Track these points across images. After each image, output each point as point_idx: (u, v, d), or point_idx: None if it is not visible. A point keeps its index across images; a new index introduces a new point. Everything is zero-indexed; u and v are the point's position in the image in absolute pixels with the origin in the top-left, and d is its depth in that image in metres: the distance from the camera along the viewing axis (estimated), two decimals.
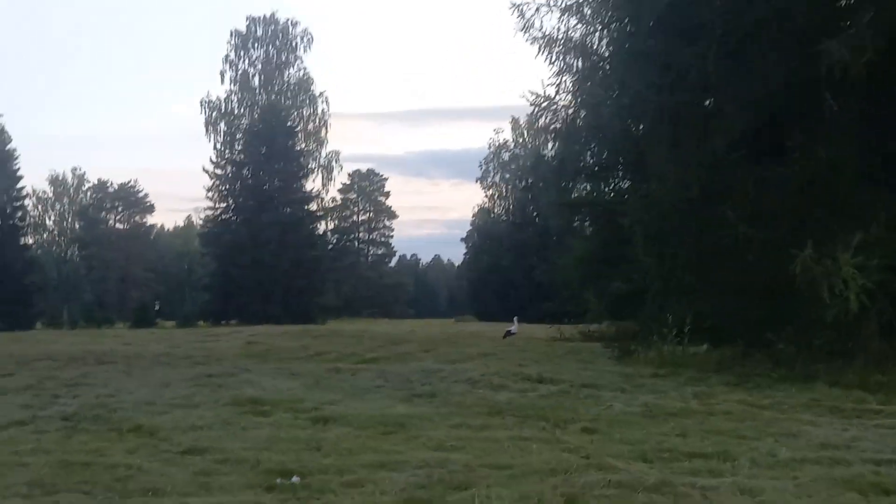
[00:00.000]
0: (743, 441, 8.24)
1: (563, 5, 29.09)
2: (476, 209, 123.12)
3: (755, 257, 13.43)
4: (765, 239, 13.31)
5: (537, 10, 28.81)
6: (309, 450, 7.73)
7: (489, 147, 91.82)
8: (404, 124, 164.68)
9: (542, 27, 29.05)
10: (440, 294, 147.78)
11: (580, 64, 30.61)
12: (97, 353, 20.32)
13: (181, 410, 10.17)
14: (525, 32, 29.03)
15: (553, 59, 31.65)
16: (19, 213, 69.18)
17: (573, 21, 29.51)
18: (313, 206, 73.80)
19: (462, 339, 28.81)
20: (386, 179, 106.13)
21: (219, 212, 70.52)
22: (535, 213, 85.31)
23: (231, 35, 73.07)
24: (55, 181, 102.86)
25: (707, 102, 13.77)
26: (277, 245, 68.12)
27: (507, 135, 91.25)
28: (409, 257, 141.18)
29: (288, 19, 73.57)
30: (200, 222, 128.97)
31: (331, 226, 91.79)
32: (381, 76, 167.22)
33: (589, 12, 29.21)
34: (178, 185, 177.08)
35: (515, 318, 31.36)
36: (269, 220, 67.76)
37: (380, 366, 17.11)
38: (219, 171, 70.54)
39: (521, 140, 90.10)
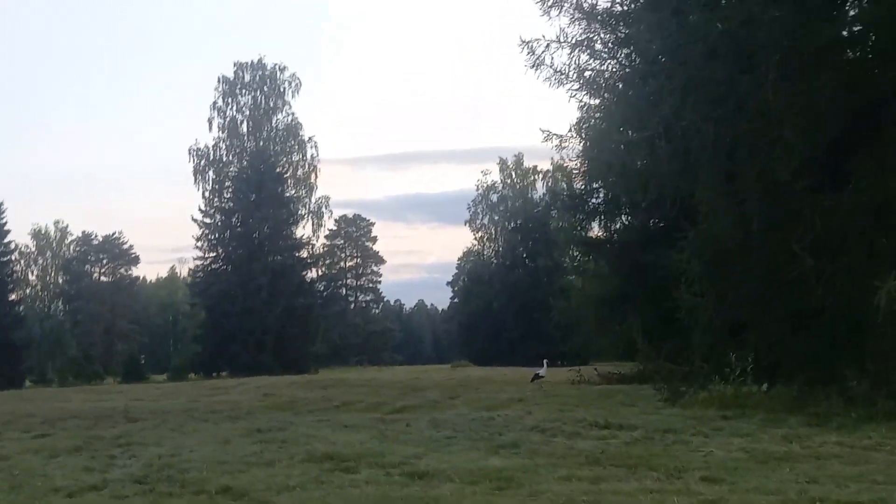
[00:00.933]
0: (883, 486, 7.71)
1: (574, 41, 29.09)
2: (462, 252, 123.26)
3: (823, 291, 12.91)
4: (834, 270, 12.81)
5: (547, 46, 28.88)
6: None
7: (477, 189, 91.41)
8: (380, 169, 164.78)
9: (552, 63, 29.01)
10: (426, 339, 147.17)
11: (592, 100, 30.53)
12: (118, 410, 19.65)
13: (260, 469, 9.54)
14: (536, 69, 28.98)
15: (569, 97, 31.75)
16: (6, 269, 68.07)
17: (584, 57, 29.49)
18: (304, 253, 72.94)
19: (478, 384, 28.15)
20: (372, 224, 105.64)
21: (208, 261, 69.64)
22: (524, 255, 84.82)
23: (219, 81, 72.76)
24: (38, 235, 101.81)
25: (766, 131, 13.18)
26: (268, 293, 67.32)
27: (494, 176, 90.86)
28: (392, 303, 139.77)
29: (276, 64, 73.39)
30: (186, 273, 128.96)
31: (318, 273, 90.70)
32: (353, 121, 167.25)
33: (600, 47, 29.19)
34: (160, 235, 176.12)
35: (545, 361, 30.68)
36: (260, 267, 67.03)
37: (418, 415, 16.40)
38: (207, 220, 69.85)
39: (508, 181, 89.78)
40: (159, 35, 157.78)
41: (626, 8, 28.75)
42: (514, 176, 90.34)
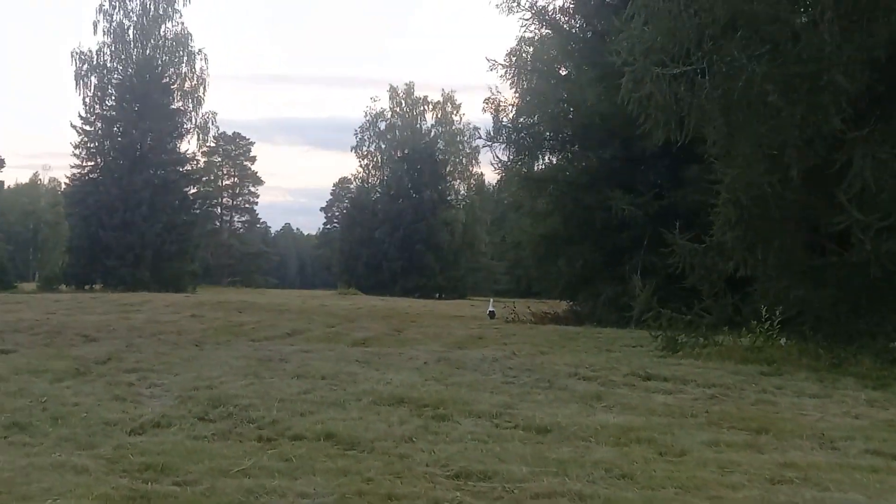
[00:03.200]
0: None
1: None
2: (339, 178, 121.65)
3: (872, 246, 12.43)
4: (883, 227, 12.33)
5: None
6: (615, 477, 6.26)
7: (365, 115, 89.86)
8: (249, 86, 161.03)
9: None
10: (291, 264, 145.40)
11: (542, 31, 29.65)
12: (52, 324, 18.13)
13: (335, 411, 8.52)
14: None
15: (519, 26, 30.82)
16: None
17: None
18: (188, 168, 70.35)
19: (411, 318, 27.36)
20: (252, 144, 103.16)
21: (86, 170, 66.46)
22: (409, 185, 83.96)
23: None
24: None
25: (817, 74, 12.53)
26: (149, 207, 64.80)
27: (384, 104, 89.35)
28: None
29: None
30: (48, 180, 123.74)
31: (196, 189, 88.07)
32: (228, 36, 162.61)
33: None
34: (22, 140, 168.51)
35: (492, 300, 30.60)
36: (142, 181, 64.37)
37: (402, 350, 15.47)
38: (87, 127, 66.44)
39: (398, 110, 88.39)
40: None
41: None
42: (403, 105, 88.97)
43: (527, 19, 28.67)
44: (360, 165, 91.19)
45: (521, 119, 36.16)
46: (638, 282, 16.38)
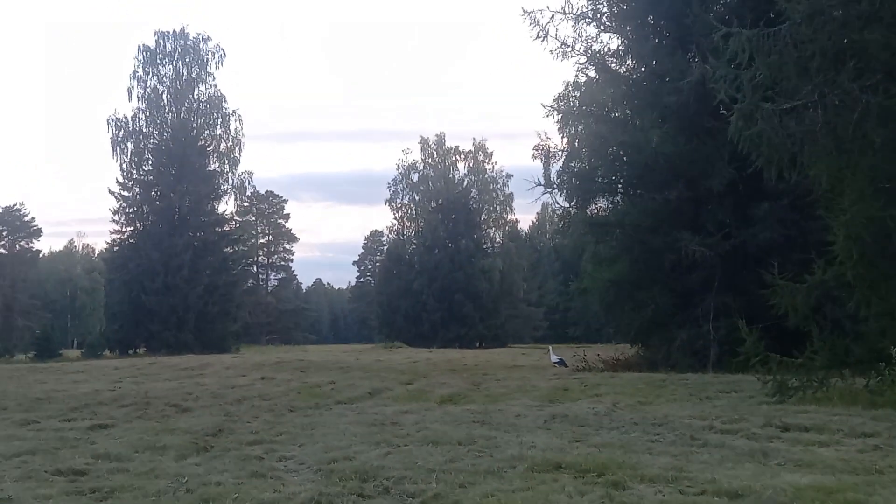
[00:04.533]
0: None
1: (579, 12, 27.91)
2: (370, 231, 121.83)
3: None
4: None
5: (552, 17, 27.63)
6: None
7: (397, 168, 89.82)
8: (273, 145, 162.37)
9: (556, 34, 27.79)
10: (324, 318, 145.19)
11: (599, 74, 29.35)
12: (139, 395, 17.75)
13: (494, 481, 8.02)
14: (543, 41, 27.70)
15: (576, 70, 30.55)
16: None
17: (591, 28, 28.37)
18: (226, 229, 70.42)
19: (472, 370, 27.00)
20: (285, 201, 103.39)
21: (126, 235, 66.59)
22: (444, 235, 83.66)
23: (139, 50, 69.28)
24: None
25: None
26: (190, 270, 64.82)
27: (415, 155, 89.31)
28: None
29: (199, 34, 70.22)
30: (82, 247, 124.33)
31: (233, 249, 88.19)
32: (251, 97, 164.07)
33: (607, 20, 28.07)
34: (59, 207, 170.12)
35: (551, 347, 30.03)
36: (182, 243, 64.47)
37: (497, 407, 14.97)
38: (125, 193, 66.68)
39: (430, 161, 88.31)
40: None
41: None
42: (435, 156, 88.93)
43: (582, 63, 28.36)
44: (395, 217, 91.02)
45: (573, 164, 35.75)
46: (742, 325, 15.69)
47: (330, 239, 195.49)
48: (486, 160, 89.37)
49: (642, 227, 26.39)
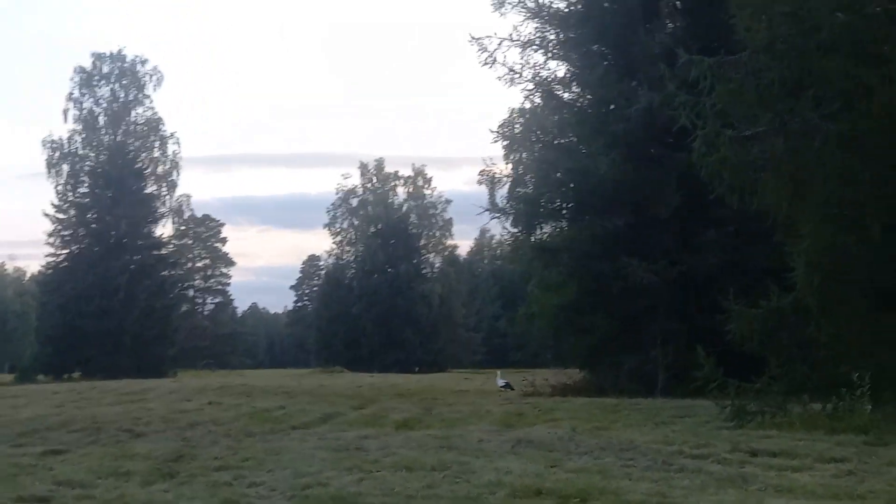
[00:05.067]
0: None
1: (526, 39, 28.12)
2: (307, 256, 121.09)
3: None
4: None
5: (500, 44, 27.82)
6: None
7: (336, 192, 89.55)
8: (208, 170, 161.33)
9: (504, 61, 27.98)
10: (261, 343, 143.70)
11: (545, 101, 29.55)
12: (88, 419, 17.38)
13: None
14: (491, 67, 27.87)
15: (524, 97, 30.70)
16: None
17: (538, 56, 28.58)
18: (164, 252, 69.56)
19: (423, 395, 26.89)
20: (222, 225, 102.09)
21: (61, 258, 65.47)
22: (384, 260, 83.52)
23: (75, 72, 68.47)
24: None
25: (892, 130, 12.29)
26: (126, 293, 63.91)
27: (355, 180, 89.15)
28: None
29: (136, 56, 69.63)
30: (18, 269, 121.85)
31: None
32: (182, 120, 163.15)
33: (554, 47, 28.30)
34: None
35: (499, 372, 30.13)
36: (118, 267, 63.55)
37: (456, 432, 14.87)
38: (61, 215, 65.63)
39: (369, 185, 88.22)
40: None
41: (574, 9, 28.32)
42: (374, 181, 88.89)
43: (529, 90, 28.57)
44: (334, 242, 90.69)
45: (518, 189, 35.93)
46: (701, 351, 15.81)
47: (265, 263, 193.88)
48: (426, 185, 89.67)
49: (589, 253, 26.55)
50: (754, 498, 8.18)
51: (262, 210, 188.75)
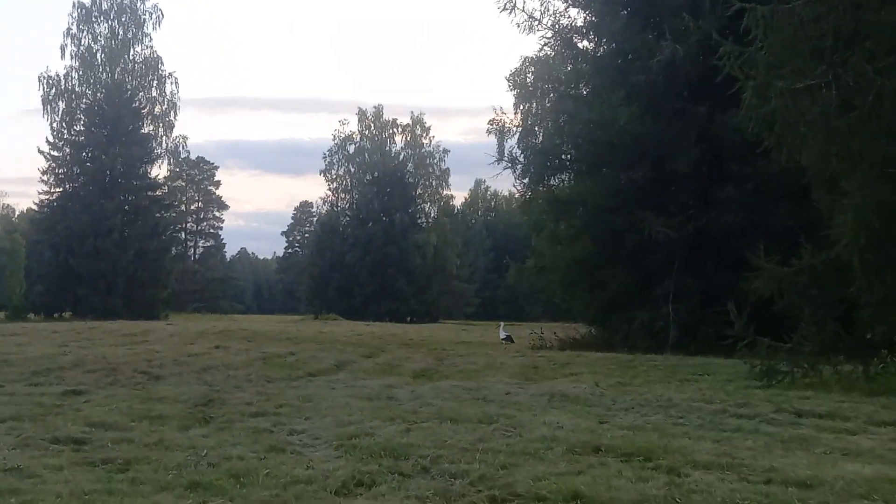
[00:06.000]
0: None
1: None
2: (300, 202, 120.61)
3: None
4: None
5: None
6: None
7: (333, 138, 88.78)
8: (200, 111, 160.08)
9: (524, 6, 27.38)
10: (248, 289, 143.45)
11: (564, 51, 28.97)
12: (101, 360, 17.00)
13: (537, 464, 7.56)
14: (510, 13, 27.28)
15: (541, 44, 30.08)
16: None
17: (558, 2, 27.98)
18: (159, 193, 68.90)
19: (429, 345, 26.62)
20: (216, 168, 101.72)
21: (54, 196, 64.73)
22: (380, 209, 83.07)
23: (73, 7, 67.32)
24: None
25: None
26: (120, 234, 63.41)
27: (352, 127, 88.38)
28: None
29: None
30: (7, 207, 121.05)
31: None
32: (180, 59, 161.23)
33: None
34: None
35: (502, 324, 29.79)
36: (113, 207, 62.88)
37: (478, 384, 14.55)
38: (55, 153, 64.81)
39: (367, 133, 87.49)
40: None
41: None
42: (372, 128, 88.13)
43: (548, 38, 27.97)
44: (329, 188, 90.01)
45: (528, 139, 35.39)
46: (733, 309, 15.45)
47: (255, 208, 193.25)
48: (424, 134, 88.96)
49: (605, 207, 26.13)
50: (828, 461, 7.82)
51: (254, 154, 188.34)
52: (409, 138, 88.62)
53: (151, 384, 13.50)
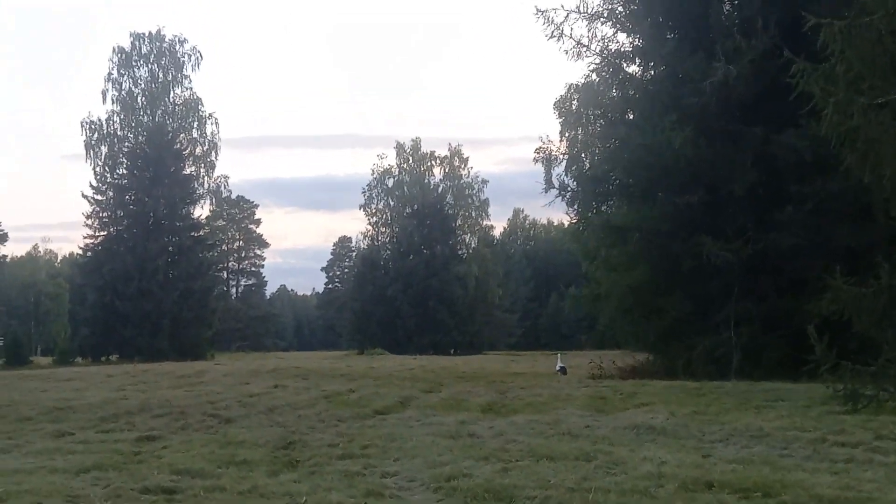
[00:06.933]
0: None
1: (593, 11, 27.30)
2: (338, 238, 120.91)
3: None
4: None
5: (567, 16, 27.02)
6: None
7: (372, 173, 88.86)
8: (234, 151, 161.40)
9: (571, 33, 27.20)
10: (289, 325, 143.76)
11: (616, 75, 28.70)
12: (171, 404, 16.83)
13: (651, 501, 7.25)
14: (558, 40, 27.08)
15: (589, 70, 29.79)
16: None
17: (606, 28, 27.74)
18: (201, 233, 69.15)
19: (484, 376, 26.37)
20: (256, 206, 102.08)
21: (99, 240, 65.04)
22: (420, 241, 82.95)
23: (113, 52, 67.92)
24: None
25: None
26: (164, 275, 63.60)
27: (391, 160, 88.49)
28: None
29: (175, 36, 69.00)
30: (49, 252, 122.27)
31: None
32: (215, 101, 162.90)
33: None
34: (19, 212, 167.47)
35: (559, 354, 29.50)
36: (157, 248, 63.09)
37: (556, 417, 14.22)
38: (99, 197, 65.16)
39: (405, 166, 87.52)
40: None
41: None
42: (411, 161, 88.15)
43: (597, 64, 27.77)
44: (369, 222, 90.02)
45: (574, 167, 35.13)
46: (813, 332, 15.02)
47: (291, 245, 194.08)
48: (462, 165, 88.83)
49: (661, 232, 25.81)
50: None
51: (290, 191, 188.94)
52: (447, 170, 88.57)
53: (224, 427, 13.26)
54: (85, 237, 65.29)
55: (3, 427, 13.88)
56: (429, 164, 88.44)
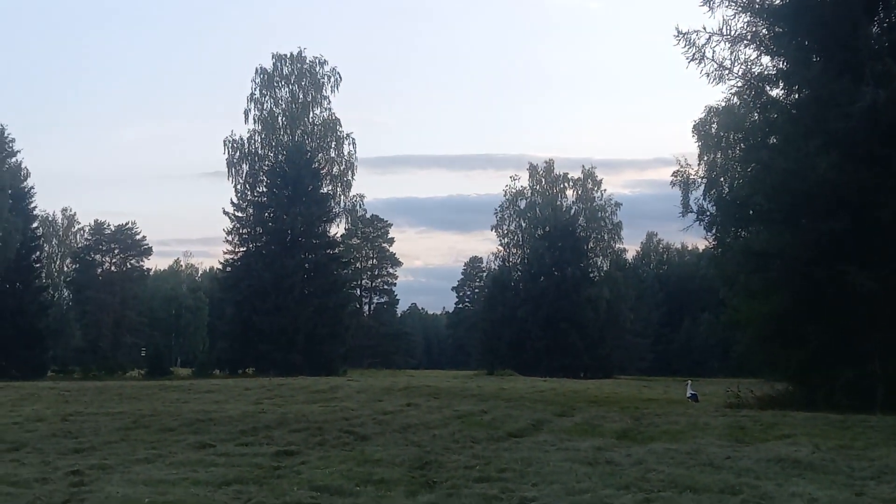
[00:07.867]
0: None
1: (736, 34, 26.75)
2: (469, 258, 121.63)
3: None
4: None
5: (709, 38, 26.54)
6: None
7: (504, 194, 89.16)
8: (369, 171, 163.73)
9: (713, 56, 26.69)
10: (418, 343, 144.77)
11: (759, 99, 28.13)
12: (303, 418, 17.11)
13: None
14: (699, 63, 26.63)
15: (731, 93, 29.27)
16: (33, 253, 64.66)
17: (749, 51, 27.15)
18: (336, 251, 70.42)
19: (615, 402, 26.07)
20: (389, 226, 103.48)
21: (239, 255, 66.83)
22: (551, 263, 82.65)
23: (256, 73, 69.90)
24: (44, 222, 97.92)
25: None
26: (300, 291, 64.87)
27: (523, 182, 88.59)
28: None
29: (315, 58, 70.66)
30: (191, 266, 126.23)
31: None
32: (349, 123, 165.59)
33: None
34: (161, 227, 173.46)
35: (689, 382, 29.12)
36: (294, 265, 64.45)
37: (701, 447, 13.87)
38: (239, 214, 67.02)
39: (538, 188, 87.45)
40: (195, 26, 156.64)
41: (789, 1, 26.84)
42: (543, 182, 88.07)
43: (739, 87, 27.21)
44: (501, 243, 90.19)
45: (713, 191, 34.53)
46: None
47: (423, 263, 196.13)
48: (595, 188, 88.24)
49: (803, 259, 25.04)
50: None
51: (423, 211, 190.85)
52: (579, 192, 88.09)
53: (360, 444, 13.39)
54: (225, 252, 67.40)
55: (147, 437, 14.33)
56: (561, 185, 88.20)
